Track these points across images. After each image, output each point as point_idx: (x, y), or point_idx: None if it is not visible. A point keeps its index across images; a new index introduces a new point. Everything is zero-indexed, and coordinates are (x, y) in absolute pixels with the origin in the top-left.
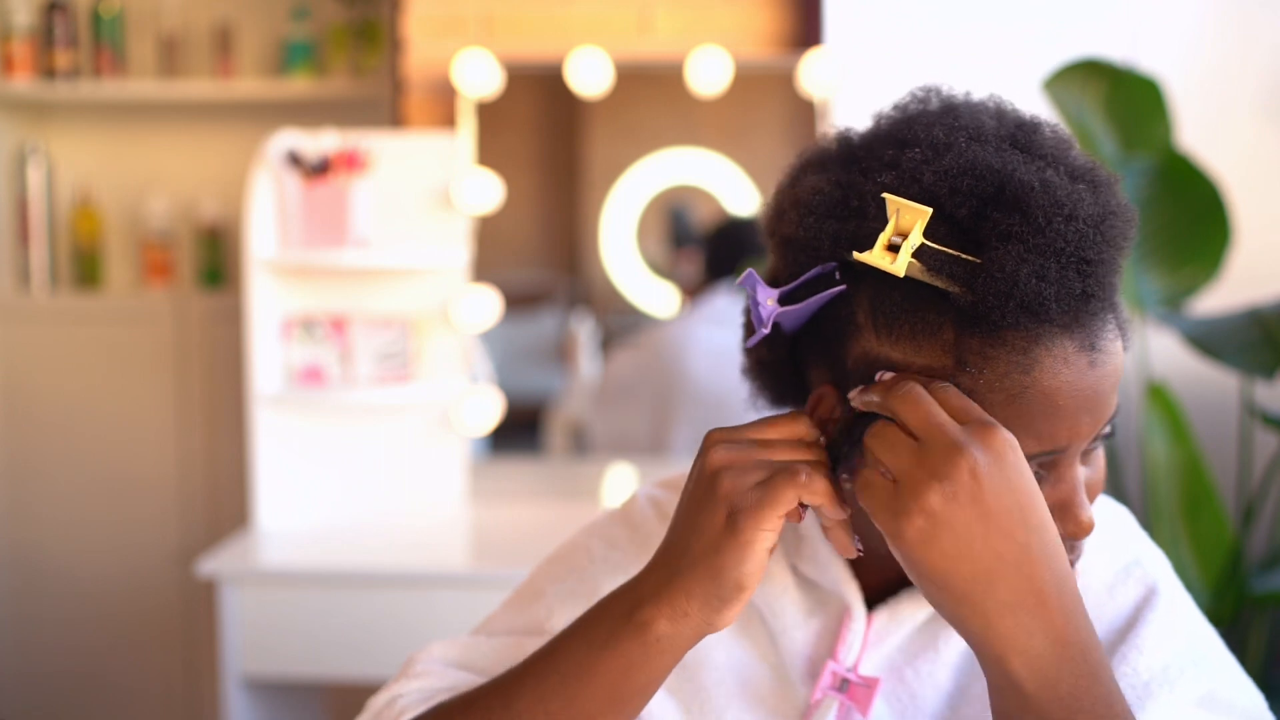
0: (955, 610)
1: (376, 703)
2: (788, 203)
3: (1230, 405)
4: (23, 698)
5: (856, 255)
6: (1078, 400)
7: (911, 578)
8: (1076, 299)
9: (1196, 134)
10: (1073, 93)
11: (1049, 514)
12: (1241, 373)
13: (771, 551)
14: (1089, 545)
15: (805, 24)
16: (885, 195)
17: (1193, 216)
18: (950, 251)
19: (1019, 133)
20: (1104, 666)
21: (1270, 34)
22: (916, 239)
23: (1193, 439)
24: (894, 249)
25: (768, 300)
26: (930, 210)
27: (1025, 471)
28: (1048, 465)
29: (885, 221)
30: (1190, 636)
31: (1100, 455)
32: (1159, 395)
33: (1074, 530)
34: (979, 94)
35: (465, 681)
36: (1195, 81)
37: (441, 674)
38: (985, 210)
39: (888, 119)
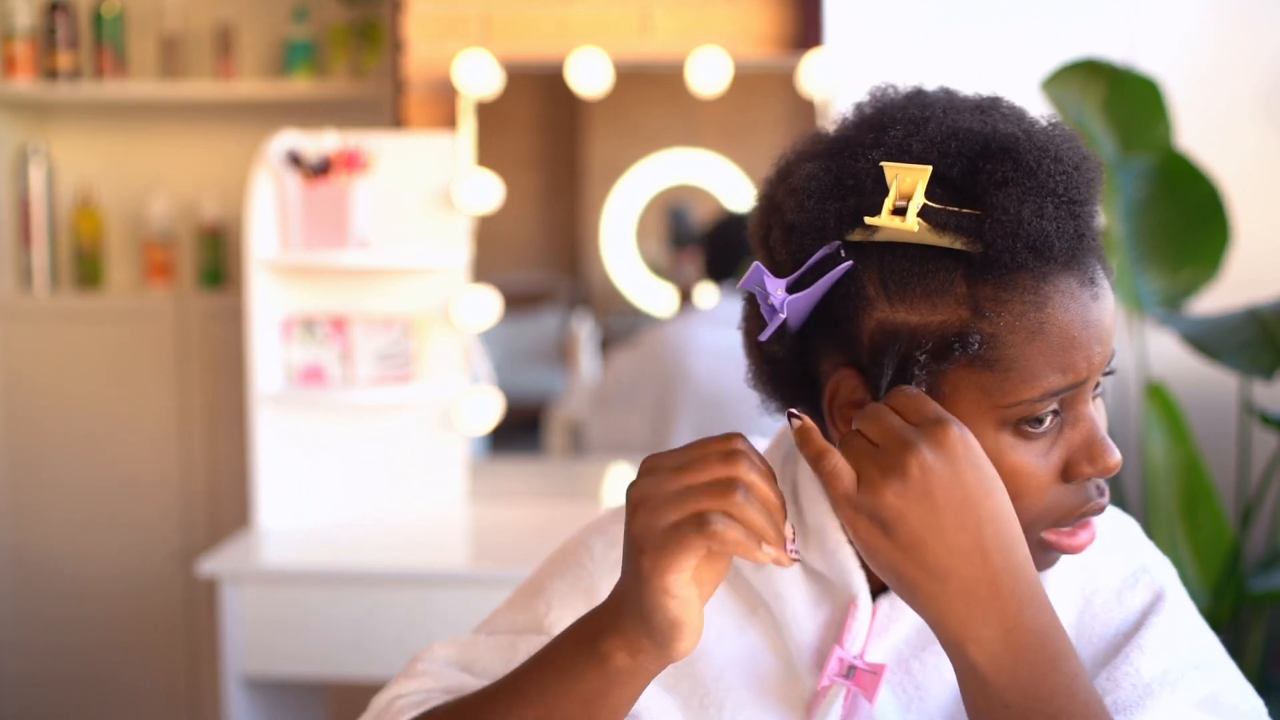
0: (912, 599)
1: (379, 702)
2: (781, 194)
3: (1229, 405)
4: (23, 697)
5: (868, 220)
6: (1089, 331)
7: (871, 567)
8: (1072, 238)
9: (1195, 134)
10: (1072, 93)
11: (1007, 504)
12: (1240, 373)
13: (707, 592)
14: (1100, 550)
15: (805, 25)
16: (883, 164)
17: (1192, 216)
18: (952, 208)
19: (983, 103)
20: (1065, 655)
21: (1270, 34)
22: (920, 198)
23: (1191, 439)
24: (899, 213)
25: (777, 290)
26: (930, 168)
27: (978, 463)
28: (1067, 404)
29: (882, 194)
30: (1193, 642)
31: (1103, 404)
32: (1158, 395)
33: (1102, 467)
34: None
35: (462, 682)
36: (1194, 81)
37: (440, 674)
38: (977, 165)
39: (856, 114)
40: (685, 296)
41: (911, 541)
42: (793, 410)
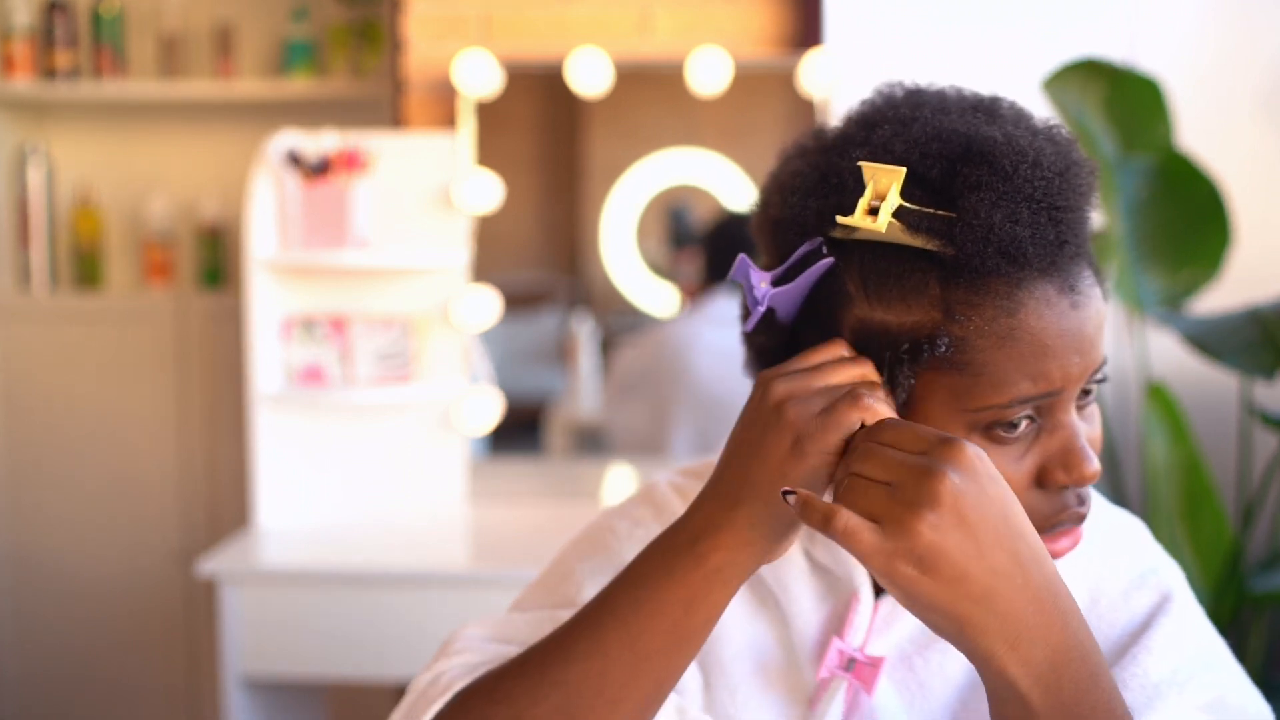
0: (958, 633)
1: (419, 683)
2: (772, 189)
3: (1230, 405)
4: (23, 698)
5: (840, 220)
6: (1065, 340)
7: (912, 612)
8: (1051, 245)
9: (1196, 134)
10: (1072, 93)
11: (1025, 515)
12: (1241, 373)
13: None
14: (1108, 552)
15: (805, 24)
16: (861, 163)
17: (1192, 216)
18: (927, 210)
19: (980, 104)
20: (1103, 668)
21: (1270, 34)
22: (894, 199)
23: (1192, 439)
24: (874, 212)
25: (761, 283)
26: (904, 170)
27: (995, 476)
28: (1044, 411)
29: (863, 192)
30: (1201, 644)
31: (1096, 412)
32: (1159, 395)
33: (1078, 476)
34: (940, 83)
35: (507, 653)
36: (1195, 81)
37: (481, 649)
38: (955, 168)
39: (857, 111)
40: (685, 296)
41: (955, 574)
42: (786, 489)
